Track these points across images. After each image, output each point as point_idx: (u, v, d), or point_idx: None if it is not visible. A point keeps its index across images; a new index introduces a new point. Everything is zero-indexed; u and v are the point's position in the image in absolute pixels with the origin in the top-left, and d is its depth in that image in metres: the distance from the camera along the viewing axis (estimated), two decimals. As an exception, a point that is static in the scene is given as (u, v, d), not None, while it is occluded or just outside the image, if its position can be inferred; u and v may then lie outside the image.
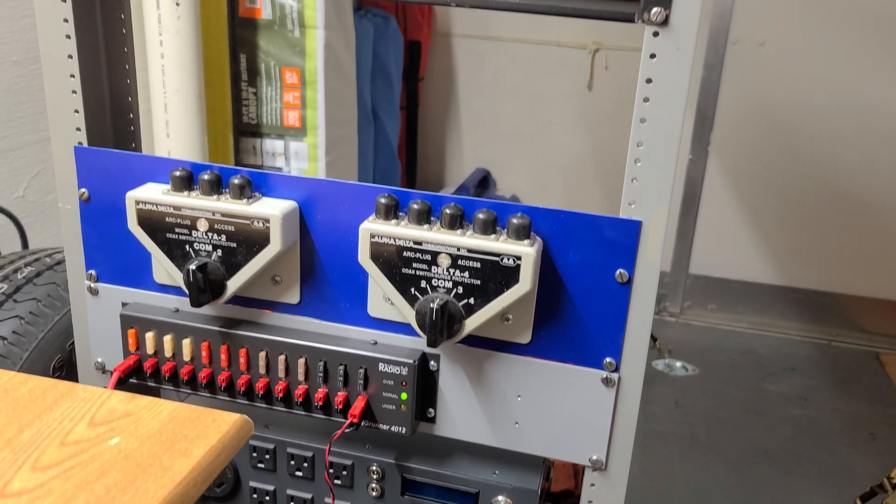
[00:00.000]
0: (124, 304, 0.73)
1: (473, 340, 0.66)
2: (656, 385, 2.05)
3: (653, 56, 0.57)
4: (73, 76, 0.68)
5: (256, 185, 0.67)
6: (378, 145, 2.04)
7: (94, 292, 0.74)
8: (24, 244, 1.03)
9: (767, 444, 1.79)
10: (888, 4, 2.07)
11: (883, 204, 2.24)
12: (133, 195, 0.66)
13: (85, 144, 0.70)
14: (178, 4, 1.24)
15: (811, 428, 1.87)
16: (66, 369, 0.90)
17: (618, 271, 0.62)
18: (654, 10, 0.56)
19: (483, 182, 2.32)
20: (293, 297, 0.70)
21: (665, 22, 0.56)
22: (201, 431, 0.48)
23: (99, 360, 0.76)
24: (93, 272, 0.73)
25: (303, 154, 1.60)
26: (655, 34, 0.56)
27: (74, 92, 0.68)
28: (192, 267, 0.65)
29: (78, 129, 0.69)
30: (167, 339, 0.70)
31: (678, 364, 2.18)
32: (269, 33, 1.51)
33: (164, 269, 0.69)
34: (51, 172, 1.16)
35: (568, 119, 2.36)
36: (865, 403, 1.99)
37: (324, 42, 1.52)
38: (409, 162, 2.34)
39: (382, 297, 0.67)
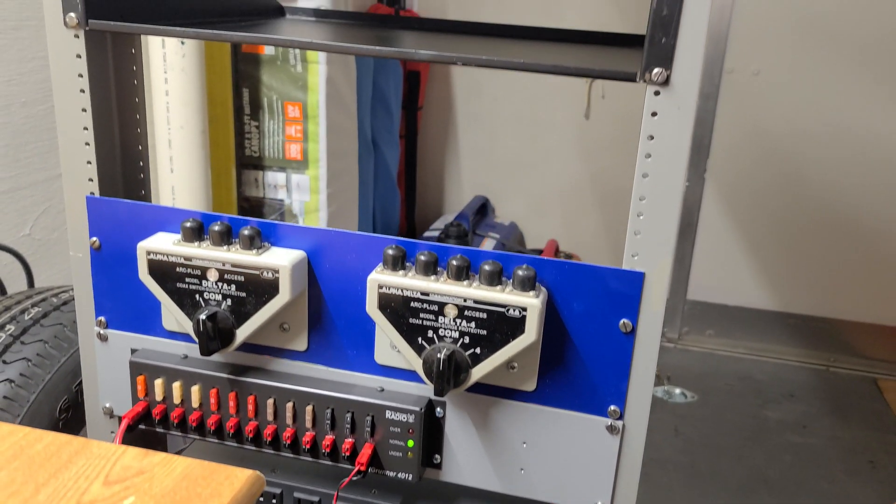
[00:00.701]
0: (133, 351, 0.73)
1: (479, 388, 0.67)
2: (656, 412, 2.06)
3: (654, 114, 0.58)
4: (86, 129, 0.69)
5: (266, 234, 0.68)
6: (378, 174, 2.06)
7: (103, 338, 0.75)
8: (31, 282, 1.04)
9: (767, 472, 1.79)
10: (875, 35, 2.10)
11: (879, 229, 2.26)
12: (144, 246, 0.67)
13: (97, 194, 0.71)
14: (182, 43, 1.26)
15: (811, 456, 1.87)
16: (72, 411, 0.91)
17: (622, 321, 0.63)
18: (656, 70, 0.57)
19: (482, 209, 2.34)
20: (301, 345, 0.70)
21: (666, 82, 0.57)
22: (215, 489, 0.49)
23: (107, 405, 0.76)
24: (102, 318, 0.74)
25: (304, 186, 1.61)
26: (657, 93, 0.58)
27: (87, 144, 0.70)
28: (203, 317, 0.66)
29: (90, 180, 0.71)
30: (176, 385, 0.71)
31: (677, 391, 2.19)
32: (272, 68, 1.53)
33: (173, 316, 0.70)
34: (56, 210, 1.17)
35: (565, 147, 2.39)
36: (864, 431, 2.00)
37: (325, 76, 1.54)
38: (409, 190, 2.36)
39: (389, 344, 0.68)
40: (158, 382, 0.71)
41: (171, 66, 1.26)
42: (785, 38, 2.17)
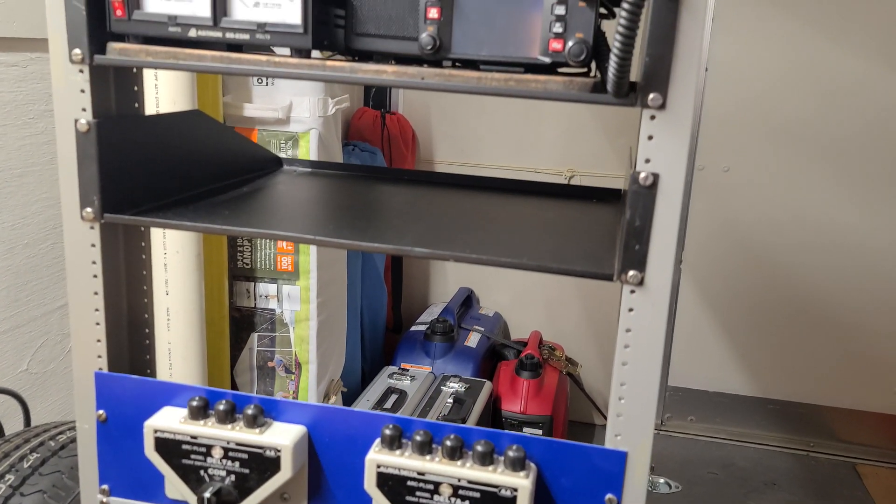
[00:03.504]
0: (136, 518, 0.76)
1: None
2: (642, 506, 2.07)
3: (630, 310, 0.64)
4: (97, 310, 0.73)
5: (268, 410, 0.72)
6: (365, 273, 2.11)
7: (106, 505, 0.77)
8: (27, 420, 1.06)
9: (754, 570, 1.81)
10: (835, 134, 2.22)
11: (852, 316, 2.34)
12: (151, 424, 0.70)
13: (105, 370, 0.74)
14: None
15: (795, 551, 1.89)
16: (69, 562, 0.92)
17: (607, 496, 0.67)
18: (631, 273, 0.63)
19: (467, 301, 2.39)
20: (301, 514, 0.73)
21: (641, 283, 0.63)
22: None
23: (108, 569, 0.78)
24: (105, 487, 0.76)
25: (295, 296, 1.65)
26: (632, 291, 0.63)
27: (98, 324, 0.73)
28: (207, 495, 0.69)
29: (99, 357, 0.74)
30: (178, 555, 0.73)
31: (661, 481, 2.21)
32: (264, 186, 1.58)
33: (177, 490, 0.73)
34: (53, 343, 1.20)
35: (546, 239, 2.45)
36: (846, 522, 2.03)
37: None
38: (395, 284, 2.40)
39: (386, 515, 0.71)
40: (161, 552, 0.73)
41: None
42: (752, 137, 2.28)
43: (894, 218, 2.26)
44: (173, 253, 1.35)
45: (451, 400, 1.87)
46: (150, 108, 1.29)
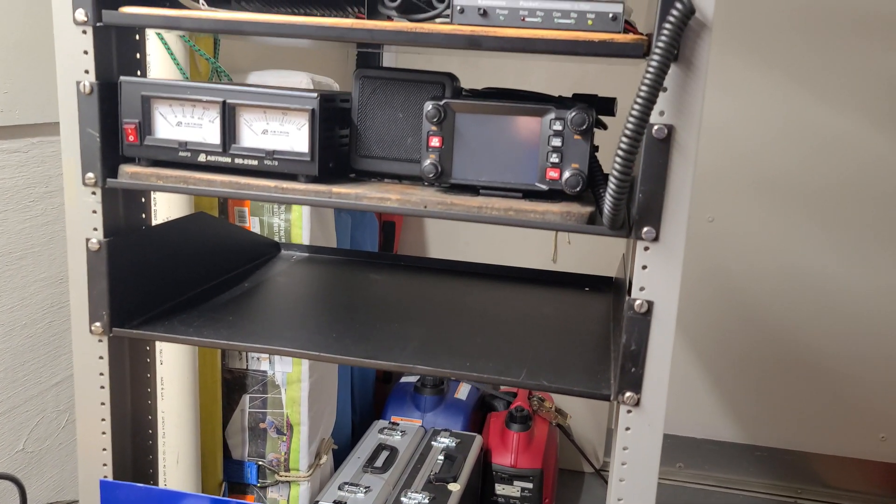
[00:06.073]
0: None
1: None
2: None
3: (627, 429, 0.66)
4: (103, 419, 0.74)
5: (272, 519, 0.73)
6: (356, 326, 2.12)
7: None
8: (24, 502, 1.05)
9: None
10: (819, 185, 2.27)
11: (837, 364, 2.37)
12: (157, 535, 0.71)
13: (110, 477, 0.75)
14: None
15: None
16: None
17: None
18: (628, 394, 0.65)
19: (456, 351, 2.40)
20: None
21: (637, 404, 0.65)
22: None
23: None
24: (109, 592, 0.77)
25: (287, 358, 1.66)
26: (629, 411, 0.66)
27: (104, 433, 0.74)
28: None
29: (104, 465, 0.75)
30: None
31: (652, 531, 2.22)
32: (258, 251, 1.60)
33: None
34: (48, 420, 1.20)
35: (535, 287, 2.48)
36: (834, 573, 2.04)
37: (309, 234, 1.62)
38: (385, 333, 2.41)
39: None
40: None
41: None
42: (736, 188, 2.34)
43: (877, 267, 2.31)
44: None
45: (441, 457, 1.88)
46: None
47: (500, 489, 2.02)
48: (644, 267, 0.63)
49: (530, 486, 2.01)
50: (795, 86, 2.26)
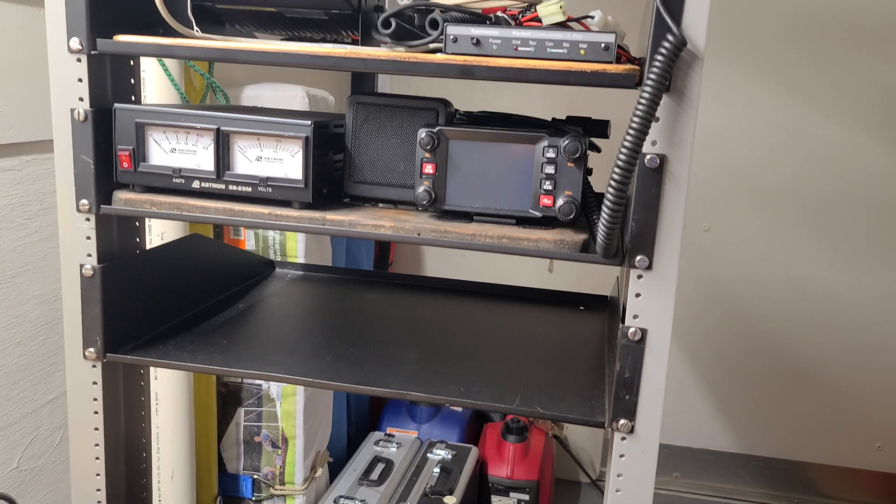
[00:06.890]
0: None
1: None
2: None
3: (622, 456, 0.66)
4: (97, 445, 0.74)
5: (266, 544, 0.73)
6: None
7: None
8: (17, 523, 1.05)
9: None
10: (813, 195, 2.28)
11: (834, 373, 2.38)
12: (150, 562, 0.71)
13: (104, 502, 0.75)
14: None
15: None
16: None
17: None
18: (622, 421, 0.65)
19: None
20: None
21: (631, 431, 0.65)
22: None
23: None
24: None
25: (283, 372, 1.66)
26: (623, 438, 0.66)
27: (98, 458, 0.74)
28: None
29: (98, 490, 0.75)
30: None
31: (648, 542, 2.22)
32: (254, 265, 1.60)
33: None
34: (42, 438, 1.20)
35: (531, 297, 2.48)
36: (830, 584, 2.04)
37: (304, 250, 1.62)
38: (381, 344, 2.41)
39: None
40: None
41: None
42: (731, 197, 2.34)
43: (872, 276, 2.32)
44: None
45: (437, 469, 1.87)
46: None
47: (497, 501, 2.02)
48: (637, 295, 0.63)
49: (527, 497, 2.01)
50: (791, 96, 2.26)
